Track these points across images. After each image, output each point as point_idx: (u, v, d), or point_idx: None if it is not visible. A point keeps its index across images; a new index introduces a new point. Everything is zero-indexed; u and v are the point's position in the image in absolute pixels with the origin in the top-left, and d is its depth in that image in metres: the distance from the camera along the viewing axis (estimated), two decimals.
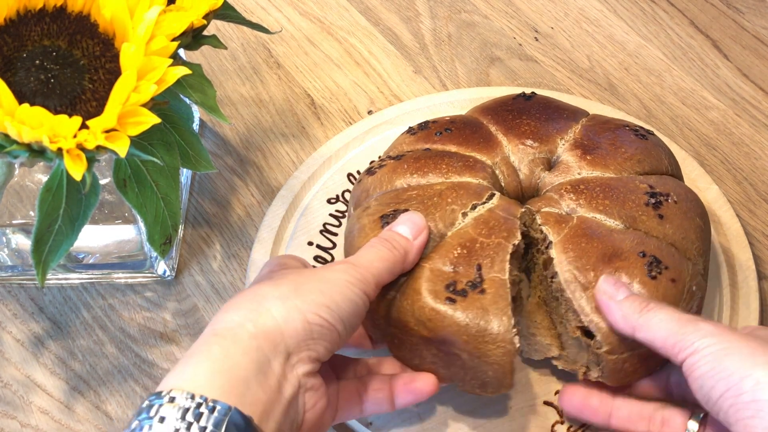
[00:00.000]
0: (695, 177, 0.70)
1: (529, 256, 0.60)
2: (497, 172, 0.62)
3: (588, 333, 0.54)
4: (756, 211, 0.71)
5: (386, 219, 0.58)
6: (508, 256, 0.55)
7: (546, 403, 0.59)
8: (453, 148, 0.63)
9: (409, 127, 0.67)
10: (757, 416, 0.44)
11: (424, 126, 0.66)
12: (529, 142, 0.63)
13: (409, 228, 0.55)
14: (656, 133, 0.65)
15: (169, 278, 0.68)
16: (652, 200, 0.58)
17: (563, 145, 0.63)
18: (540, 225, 0.57)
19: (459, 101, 0.76)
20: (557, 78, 0.80)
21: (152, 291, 0.68)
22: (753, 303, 0.62)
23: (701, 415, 0.52)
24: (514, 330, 0.53)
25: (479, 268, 0.55)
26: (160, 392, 0.44)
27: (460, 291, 0.54)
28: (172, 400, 0.43)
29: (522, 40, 0.83)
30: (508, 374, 0.53)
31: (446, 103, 0.76)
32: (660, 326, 0.49)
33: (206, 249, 0.70)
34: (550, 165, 0.63)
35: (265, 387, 0.45)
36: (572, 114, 0.65)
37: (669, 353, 0.49)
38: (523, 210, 0.58)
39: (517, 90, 0.77)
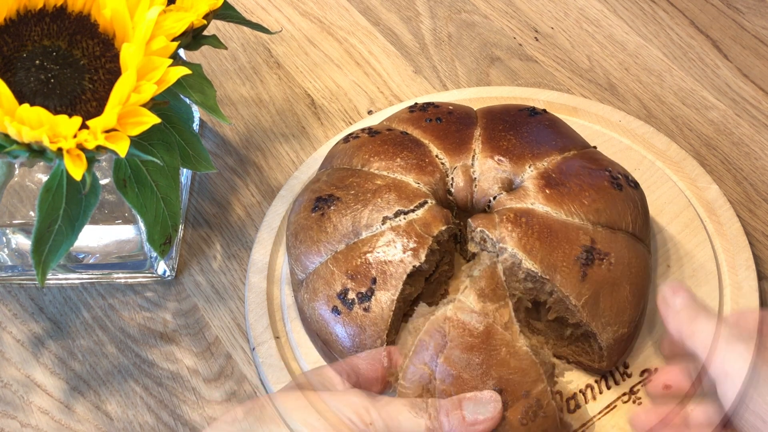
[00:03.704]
0: (695, 177, 0.69)
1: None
2: (449, 177, 0.62)
3: None
4: (756, 211, 0.71)
5: (319, 203, 0.60)
6: (405, 276, 0.56)
7: None
8: (427, 140, 0.64)
9: (414, 103, 0.68)
10: None
11: (425, 107, 0.67)
12: (499, 158, 0.61)
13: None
14: (641, 186, 0.63)
15: (169, 278, 0.68)
16: (584, 256, 0.56)
17: (531, 171, 0.61)
18: (474, 242, 0.58)
19: (459, 101, 0.76)
20: (557, 78, 0.80)
21: (152, 291, 0.68)
22: (753, 303, 0.62)
23: None
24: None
25: (374, 281, 0.56)
26: None
27: (348, 301, 0.56)
28: None
29: (522, 40, 0.83)
30: None
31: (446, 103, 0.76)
32: (698, 345, 0.51)
33: (206, 249, 0.70)
34: (512, 186, 0.61)
35: None
36: (566, 142, 0.63)
37: (707, 367, 0.51)
38: (443, 228, 0.58)
39: (516, 90, 0.77)
